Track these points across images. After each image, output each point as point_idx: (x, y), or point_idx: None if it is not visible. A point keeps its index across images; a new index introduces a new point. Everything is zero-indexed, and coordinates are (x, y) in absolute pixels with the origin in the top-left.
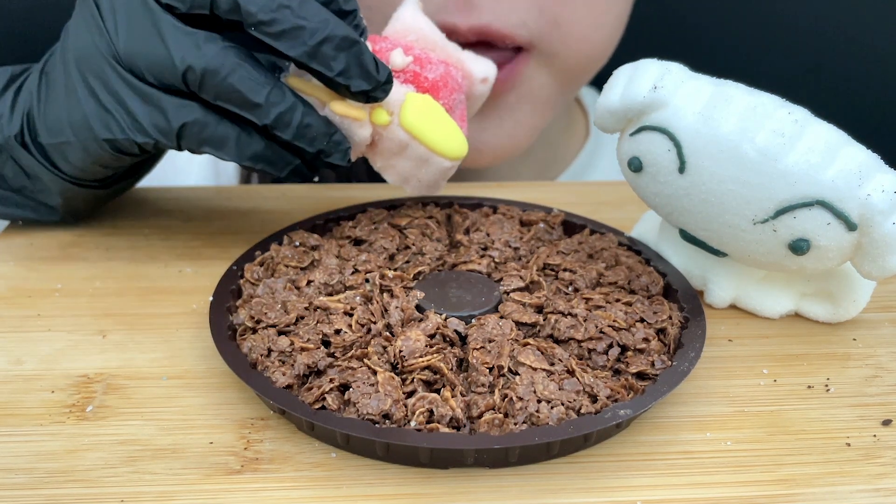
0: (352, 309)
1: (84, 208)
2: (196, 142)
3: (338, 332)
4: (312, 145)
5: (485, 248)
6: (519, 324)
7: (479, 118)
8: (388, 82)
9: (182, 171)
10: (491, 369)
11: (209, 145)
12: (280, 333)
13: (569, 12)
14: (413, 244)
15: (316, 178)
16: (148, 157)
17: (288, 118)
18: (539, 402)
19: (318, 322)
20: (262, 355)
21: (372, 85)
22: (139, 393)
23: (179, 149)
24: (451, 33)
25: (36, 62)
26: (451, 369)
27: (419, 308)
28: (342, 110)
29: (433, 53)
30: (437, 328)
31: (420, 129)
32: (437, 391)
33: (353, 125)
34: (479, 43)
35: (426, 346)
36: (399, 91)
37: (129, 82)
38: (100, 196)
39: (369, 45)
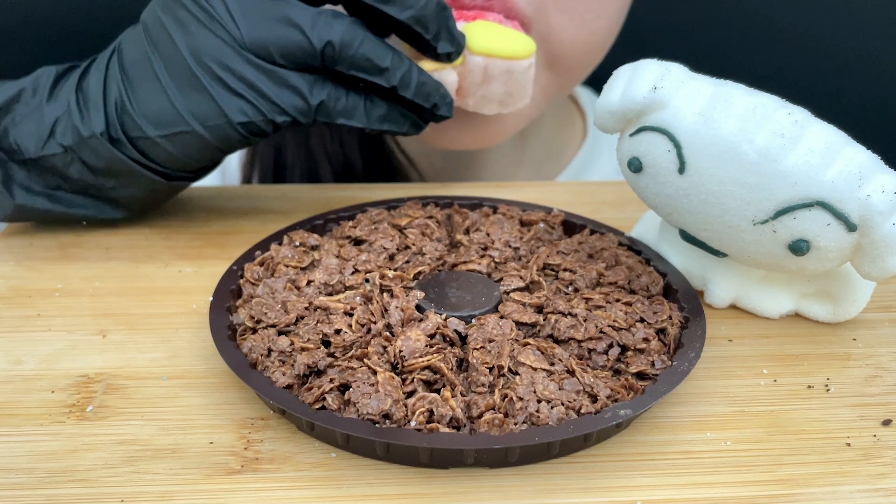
0: (352, 309)
1: (159, 203)
2: (332, 114)
3: (338, 332)
4: (428, 100)
5: (485, 248)
6: (519, 324)
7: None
8: (462, 47)
9: None
10: (491, 369)
11: (343, 116)
12: (280, 333)
13: None
14: (413, 244)
15: (426, 128)
16: None
17: (408, 78)
18: (539, 402)
19: (318, 322)
20: (262, 355)
21: (455, 48)
22: (139, 393)
23: (313, 123)
24: None
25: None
26: (451, 369)
27: (419, 308)
28: (432, 66)
29: None
30: (437, 328)
31: (489, 45)
32: (437, 391)
33: (443, 75)
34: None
35: (426, 346)
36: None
37: (259, 67)
38: (180, 189)
39: None
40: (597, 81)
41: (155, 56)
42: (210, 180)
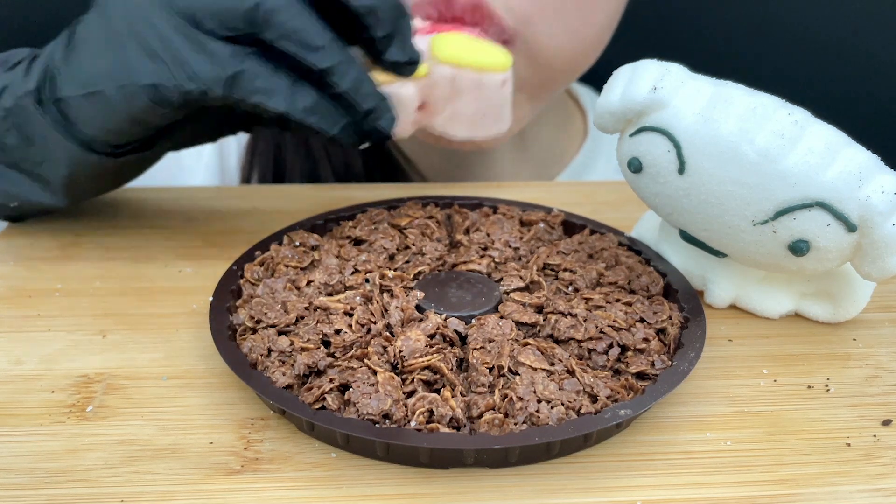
0: (352, 309)
1: (87, 188)
2: (247, 91)
3: (338, 332)
4: (365, 102)
5: (485, 248)
6: (519, 324)
7: None
8: (416, 62)
9: (188, 171)
10: (491, 369)
11: (260, 94)
12: (280, 333)
13: (559, 2)
14: (413, 244)
15: (366, 144)
16: (162, 133)
17: (344, 69)
18: (539, 402)
19: (318, 322)
20: (262, 355)
21: (405, 58)
22: (139, 393)
23: (227, 99)
24: (449, 2)
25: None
26: (451, 369)
27: (419, 308)
28: (383, 78)
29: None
30: (437, 328)
31: (458, 54)
32: (437, 391)
33: (394, 87)
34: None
35: (426, 346)
36: (424, 42)
37: (182, 31)
38: (106, 171)
39: None
40: (597, 81)
41: (96, 18)
42: (210, 180)
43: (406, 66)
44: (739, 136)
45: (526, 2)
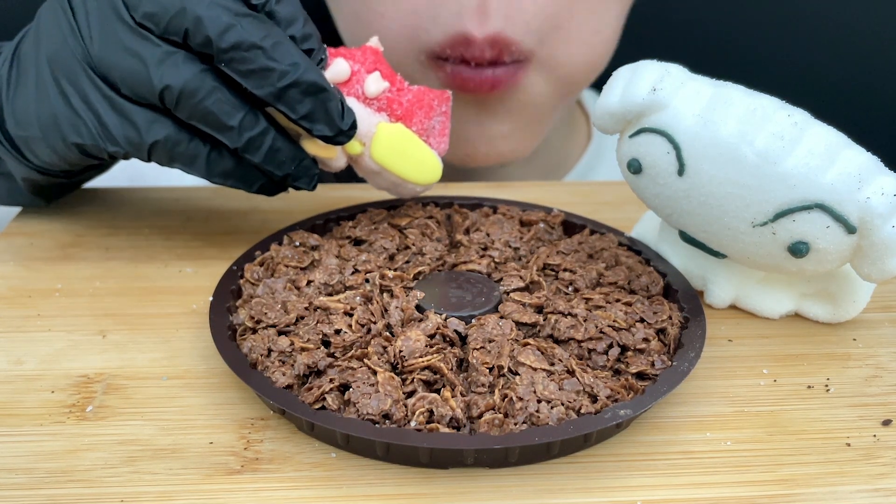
0: (352, 309)
1: (48, 194)
2: (167, 158)
3: (338, 332)
4: (280, 169)
5: (485, 248)
6: (519, 324)
7: (479, 119)
8: (353, 128)
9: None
10: (491, 369)
11: (179, 162)
12: (280, 333)
13: (569, 16)
14: (413, 244)
15: (288, 190)
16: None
17: (258, 143)
18: (539, 402)
19: (318, 322)
20: (262, 355)
21: (334, 132)
22: (139, 393)
23: (149, 161)
24: (468, 44)
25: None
26: (451, 369)
27: (419, 308)
28: (312, 150)
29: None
30: (437, 328)
31: (389, 162)
32: (437, 391)
33: (325, 160)
34: (489, 62)
35: (426, 346)
36: (371, 122)
37: (102, 91)
38: (64, 185)
39: (346, 64)
40: (600, 83)
41: (31, 49)
42: None
43: (337, 137)
44: (739, 138)
45: (543, 22)
